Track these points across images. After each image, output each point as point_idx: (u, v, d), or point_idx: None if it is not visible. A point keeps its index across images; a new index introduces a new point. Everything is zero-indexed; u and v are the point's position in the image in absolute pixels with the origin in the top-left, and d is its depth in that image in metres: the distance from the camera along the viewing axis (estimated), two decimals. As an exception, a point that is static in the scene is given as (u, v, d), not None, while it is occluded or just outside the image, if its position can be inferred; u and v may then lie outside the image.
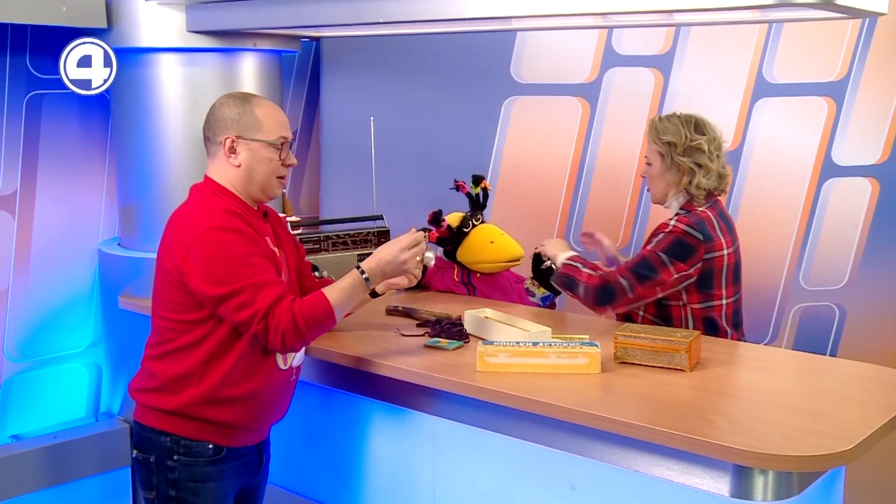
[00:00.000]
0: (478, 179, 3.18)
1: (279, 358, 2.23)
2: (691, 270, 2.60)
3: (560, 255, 2.81)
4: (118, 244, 3.36)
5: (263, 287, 2.08)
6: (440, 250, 3.19)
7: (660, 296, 2.63)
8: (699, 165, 2.65)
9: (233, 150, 2.19)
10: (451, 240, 3.16)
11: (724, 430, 1.92)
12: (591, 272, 2.67)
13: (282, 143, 2.23)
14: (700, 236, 2.60)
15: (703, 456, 1.88)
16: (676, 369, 2.28)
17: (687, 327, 2.66)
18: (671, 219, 2.66)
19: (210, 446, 2.19)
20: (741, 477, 1.87)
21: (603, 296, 2.63)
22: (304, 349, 2.31)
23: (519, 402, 2.13)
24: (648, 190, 2.81)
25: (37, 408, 3.39)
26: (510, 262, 3.14)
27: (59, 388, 3.45)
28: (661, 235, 2.62)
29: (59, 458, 3.11)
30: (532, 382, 2.20)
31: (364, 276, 2.21)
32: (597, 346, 2.30)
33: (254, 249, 2.13)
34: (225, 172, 2.22)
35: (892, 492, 2.32)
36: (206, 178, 2.25)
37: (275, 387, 2.25)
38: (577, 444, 2.10)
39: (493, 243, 3.12)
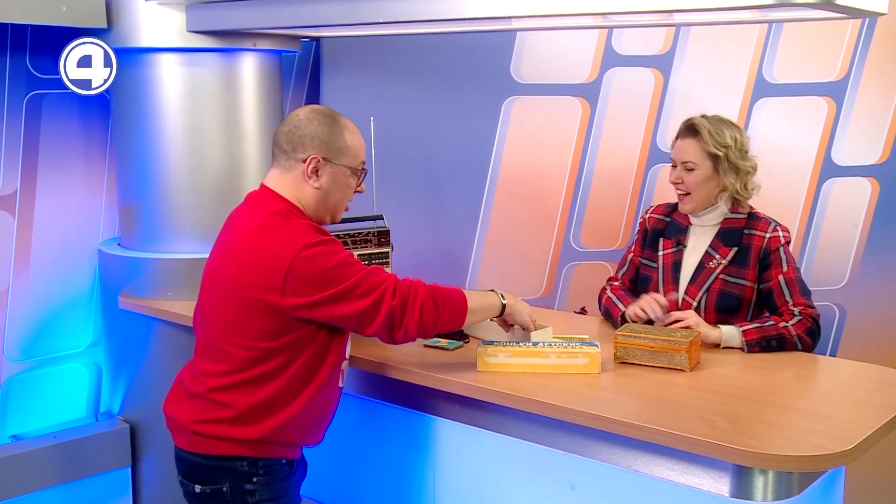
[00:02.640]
0: None
1: (341, 378, 2.22)
2: None
3: (722, 332, 2.49)
4: (118, 244, 3.36)
5: (377, 272, 2.08)
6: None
7: None
8: (753, 167, 2.62)
9: (315, 172, 2.12)
10: None
11: (723, 430, 1.92)
12: (786, 324, 2.47)
13: (362, 170, 2.19)
14: None
15: (703, 456, 1.87)
16: (676, 369, 2.28)
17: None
18: (774, 231, 2.58)
19: (284, 461, 2.16)
20: (741, 477, 1.87)
21: (816, 334, 2.51)
22: None
23: (519, 402, 2.13)
24: (683, 196, 2.62)
25: (37, 408, 3.38)
26: None
27: (59, 388, 3.44)
28: (782, 252, 2.56)
29: (60, 458, 3.11)
30: (532, 382, 2.20)
31: (503, 301, 2.25)
32: (597, 346, 2.30)
33: (349, 254, 2.10)
34: (298, 191, 2.14)
35: (892, 492, 2.31)
36: (272, 192, 2.15)
37: (334, 407, 2.25)
38: (577, 444, 2.10)
39: None
